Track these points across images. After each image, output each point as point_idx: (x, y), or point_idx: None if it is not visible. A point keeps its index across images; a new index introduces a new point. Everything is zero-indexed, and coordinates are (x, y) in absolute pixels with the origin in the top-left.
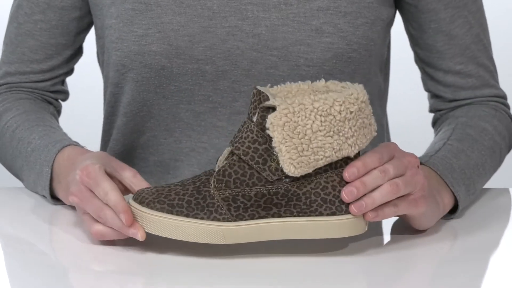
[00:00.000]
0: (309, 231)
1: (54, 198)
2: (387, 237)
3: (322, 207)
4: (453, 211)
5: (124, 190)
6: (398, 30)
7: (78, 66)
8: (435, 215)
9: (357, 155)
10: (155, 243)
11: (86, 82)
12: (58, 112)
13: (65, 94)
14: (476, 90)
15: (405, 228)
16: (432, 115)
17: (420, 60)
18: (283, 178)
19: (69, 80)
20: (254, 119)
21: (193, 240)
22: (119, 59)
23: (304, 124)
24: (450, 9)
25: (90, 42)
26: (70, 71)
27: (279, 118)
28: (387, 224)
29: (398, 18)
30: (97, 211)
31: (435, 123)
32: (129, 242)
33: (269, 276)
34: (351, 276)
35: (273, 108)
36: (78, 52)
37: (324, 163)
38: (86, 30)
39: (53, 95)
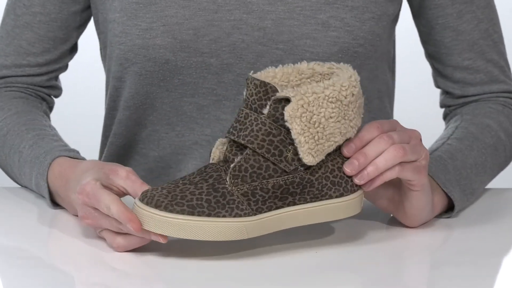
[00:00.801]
0: (320, 215)
1: (55, 204)
2: (384, 236)
3: (331, 190)
4: (450, 212)
5: (123, 194)
6: (403, 28)
7: (79, 64)
8: (428, 209)
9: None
10: (158, 247)
11: (87, 80)
12: (51, 108)
13: (58, 90)
14: (484, 86)
15: (402, 227)
16: (442, 110)
17: (429, 56)
18: (299, 167)
19: (70, 78)
20: (265, 111)
21: (216, 239)
22: (122, 53)
23: (318, 113)
24: (457, 5)
25: (90, 41)
26: (64, 67)
27: (296, 109)
28: (384, 222)
29: (403, 15)
30: (115, 225)
31: (445, 117)
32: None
33: (267, 269)
34: (346, 275)
35: (285, 100)
36: (74, 49)
37: (333, 148)
38: (83, 25)
39: (47, 90)
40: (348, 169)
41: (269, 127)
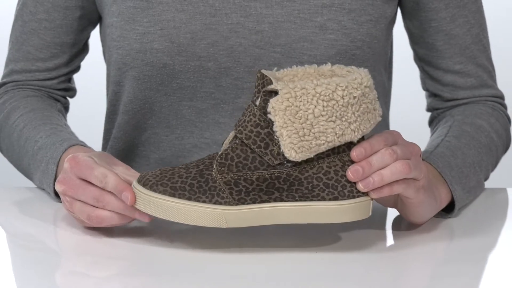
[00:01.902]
0: (312, 216)
1: (57, 196)
2: (384, 236)
3: (324, 192)
4: (449, 209)
5: None
6: (400, 29)
7: (81, 67)
8: (432, 208)
9: (361, 140)
10: (159, 241)
11: (88, 82)
12: (66, 108)
13: (72, 91)
14: (474, 90)
15: (403, 227)
16: (425, 111)
17: (419, 59)
18: (285, 162)
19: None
20: (257, 102)
21: (194, 223)
22: (120, 57)
23: (306, 109)
24: (450, 9)
25: (94, 41)
26: (76, 69)
27: (281, 102)
28: (385, 223)
29: (400, 17)
30: (95, 196)
31: (431, 122)
32: (129, 239)
33: (266, 273)
34: (348, 275)
35: (275, 92)
36: (83, 49)
37: (326, 148)
38: (90, 26)
39: (60, 92)
40: (351, 174)
41: (258, 118)
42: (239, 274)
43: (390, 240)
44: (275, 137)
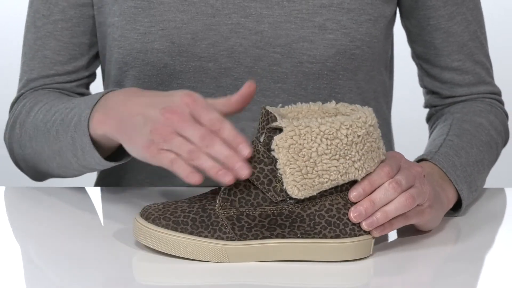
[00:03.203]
0: (313, 253)
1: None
2: (385, 236)
3: (326, 230)
4: (456, 207)
5: None
6: (401, 28)
7: None
8: (440, 215)
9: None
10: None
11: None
12: None
13: None
14: (472, 87)
15: (403, 227)
16: (426, 110)
17: (417, 57)
18: (288, 199)
19: None
20: (261, 139)
21: (196, 258)
22: (121, 57)
23: (310, 147)
24: (449, 6)
25: None
26: (93, 75)
27: (285, 140)
28: None
29: (398, 15)
30: (203, 134)
31: (429, 118)
32: (130, 240)
33: (271, 272)
34: (349, 274)
35: (280, 129)
36: (98, 55)
37: (330, 186)
38: None
39: (78, 96)
40: (353, 215)
41: (262, 155)
42: (235, 268)
43: (390, 239)
44: (278, 174)
